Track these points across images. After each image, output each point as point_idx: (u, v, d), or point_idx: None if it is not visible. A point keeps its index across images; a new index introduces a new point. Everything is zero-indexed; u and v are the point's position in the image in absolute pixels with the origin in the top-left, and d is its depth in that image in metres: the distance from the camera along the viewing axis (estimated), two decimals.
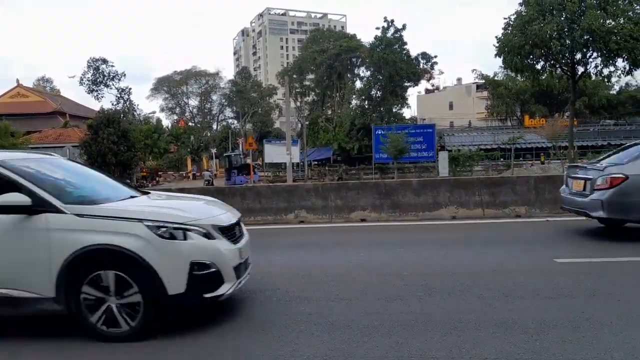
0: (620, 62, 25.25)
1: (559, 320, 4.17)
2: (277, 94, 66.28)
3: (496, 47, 26.12)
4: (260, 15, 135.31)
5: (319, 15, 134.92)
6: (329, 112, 55.20)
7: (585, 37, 24.15)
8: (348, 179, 36.51)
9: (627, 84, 55.21)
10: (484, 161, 40.18)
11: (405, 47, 43.92)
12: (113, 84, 51.88)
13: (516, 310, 4.45)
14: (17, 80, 50.48)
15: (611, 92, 54.43)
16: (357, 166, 43.67)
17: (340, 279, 5.73)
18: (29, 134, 36.54)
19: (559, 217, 9.85)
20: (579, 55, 25.82)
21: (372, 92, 46.31)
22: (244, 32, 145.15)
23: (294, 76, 55.65)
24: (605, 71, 26.06)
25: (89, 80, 51.28)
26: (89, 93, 51.98)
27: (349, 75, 54.57)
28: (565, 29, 24.04)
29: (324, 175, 41.29)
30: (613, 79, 28.91)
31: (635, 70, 25.35)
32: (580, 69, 26.90)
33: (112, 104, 51.04)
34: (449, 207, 10.48)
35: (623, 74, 26.10)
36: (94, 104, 71.20)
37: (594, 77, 29.78)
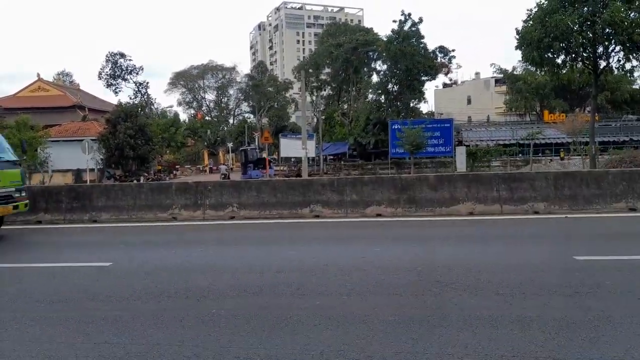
0: None
1: (578, 318, 4.10)
2: (293, 88, 66.23)
3: (516, 39, 25.60)
4: (277, 9, 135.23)
5: (335, 9, 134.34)
6: (345, 106, 54.95)
7: (607, 30, 23.58)
8: (363, 173, 36.38)
9: None
10: (502, 157, 39.66)
11: (422, 40, 43.46)
12: (131, 78, 52.33)
13: (534, 308, 4.38)
14: (38, 75, 51.28)
15: (634, 86, 53.14)
16: (373, 161, 43.49)
17: (354, 274, 5.70)
18: (48, 127, 37.08)
19: (579, 214, 9.68)
20: (600, 49, 25.24)
21: (389, 87, 45.93)
22: (260, 27, 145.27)
23: (310, 70, 55.38)
24: (628, 65, 25.45)
25: (107, 75, 51.78)
26: (107, 87, 52.47)
27: (365, 69, 54.13)
28: (588, 22, 23.50)
29: (339, 170, 41.21)
30: (636, 74, 28.19)
31: None
32: (602, 63, 26.32)
33: (130, 98, 51.56)
34: (466, 202, 10.37)
35: None
36: (112, 98, 72.10)
37: (616, 72, 29.10)
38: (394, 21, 43.15)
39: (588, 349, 3.53)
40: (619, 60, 25.53)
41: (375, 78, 52.18)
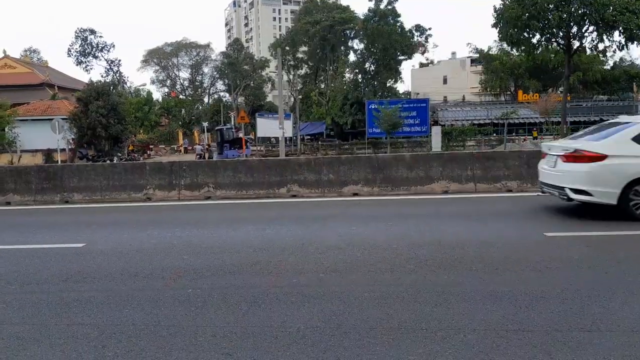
0: (616, 36, 25.05)
1: (547, 292, 4.22)
2: (270, 66, 65.28)
3: (494, 17, 25.75)
4: None
5: None
6: (322, 85, 54.65)
7: (581, 10, 23.93)
8: (340, 153, 36.45)
9: (621, 59, 55.04)
10: (476, 136, 40.23)
11: (399, 19, 43.38)
12: (102, 55, 50.87)
13: (505, 283, 4.50)
14: (4, 51, 49.30)
15: (605, 67, 54.21)
16: (351, 141, 43.58)
17: (331, 252, 5.74)
18: (16, 105, 35.90)
19: None
20: (574, 29, 25.59)
21: (366, 66, 45.87)
22: (235, 3, 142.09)
23: (287, 48, 54.69)
24: (601, 46, 25.95)
25: (77, 52, 50.19)
26: (77, 65, 50.96)
27: (342, 48, 53.76)
28: (563, 2, 23.77)
29: (316, 150, 41.18)
30: (608, 54, 28.83)
31: (631, 44, 25.16)
32: (576, 44, 26.72)
33: (102, 76, 50.22)
34: (441, 181, 10.50)
35: (619, 48, 25.95)
36: (83, 76, 70.04)
37: (589, 52, 29.61)
38: (370, 0, 42.90)
39: (557, 320, 3.64)
40: (592, 41, 25.97)
41: (352, 57, 52.00)
